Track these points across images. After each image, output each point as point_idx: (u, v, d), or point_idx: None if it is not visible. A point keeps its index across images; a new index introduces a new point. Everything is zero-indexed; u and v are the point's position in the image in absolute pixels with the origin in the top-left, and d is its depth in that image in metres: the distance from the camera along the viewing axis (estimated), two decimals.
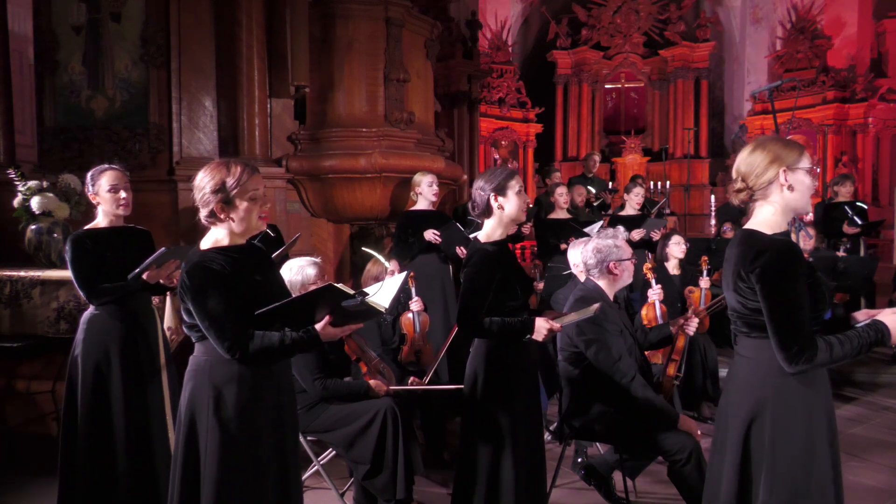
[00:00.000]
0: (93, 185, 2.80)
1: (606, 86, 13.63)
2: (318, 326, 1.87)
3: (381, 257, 3.85)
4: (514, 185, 2.31)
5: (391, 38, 4.91)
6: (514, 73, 12.81)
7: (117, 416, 2.72)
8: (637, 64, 13.37)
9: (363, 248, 4.82)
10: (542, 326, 2.24)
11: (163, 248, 2.67)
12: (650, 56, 13.29)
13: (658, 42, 13.14)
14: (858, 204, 6.08)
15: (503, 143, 12.67)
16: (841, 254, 5.43)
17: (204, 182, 1.92)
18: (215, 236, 1.96)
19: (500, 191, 2.31)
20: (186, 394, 1.93)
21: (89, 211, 2.98)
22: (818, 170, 10.19)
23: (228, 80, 4.62)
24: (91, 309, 2.81)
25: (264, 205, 1.98)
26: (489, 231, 2.36)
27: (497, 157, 12.49)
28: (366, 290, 1.95)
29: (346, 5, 4.82)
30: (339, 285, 1.83)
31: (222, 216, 1.92)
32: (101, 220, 2.84)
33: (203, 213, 1.94)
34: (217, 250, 1.92)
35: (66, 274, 2.81)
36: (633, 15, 13.19)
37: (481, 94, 10.19)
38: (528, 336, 2.26)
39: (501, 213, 2.32)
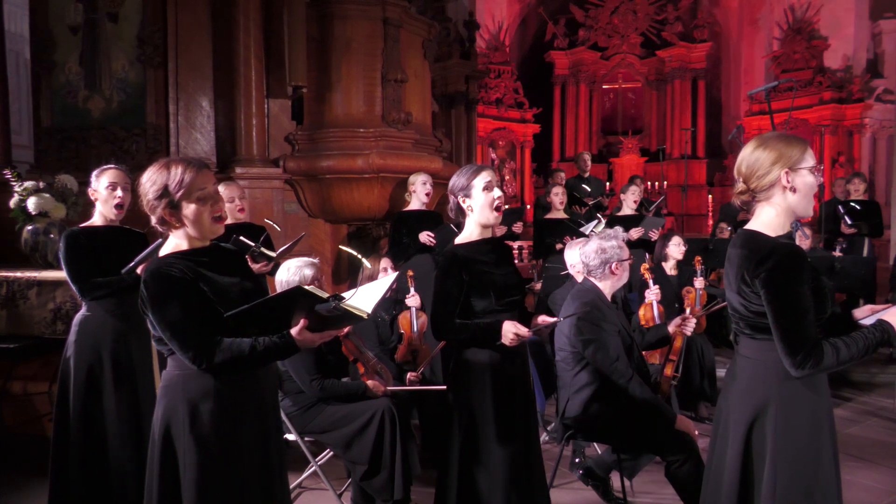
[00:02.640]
0: (95, 182, 2.82)
1: (604, 86, 13.66)
2: (293, 331, 1.72)
3: (354, 252, 3.80)
4: (479, 183, 2.24)
5: (389, 39, 4.91)
6: (512, 73, 12.82)
7: (109, 418, 2.71)
8: (634, 64, 13.40)
9: (340, 247, 4.80)
10: (508, 331, 2.17)
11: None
12: (647, 56, 13.33)
13: (655, 42, 13.18)
14: (852, 204, 6.02)
15: (501, 143, 12.68)
16: (837, 254, 5.44)
17: (146, 187, 1.79)
18: (175, 241, 1.83)
19: (465, 192, 2.27)
20: (159, 412, 1.80)
21: (86, 211, 2.98)
22: (821, 166, 10.18)
23: (226, 80, 4.62)
24: (83, 310, 2.80)
25: (216, 204, 1.81)
26: (466, 233, 2.33)
27: (494, 157, 12.49)
28: (343, 294, 1.77)
29: (343, 5, 4.82)
30: (310, 288, 1.67)
31: (173, 222, 1.79)
32: (97, 219, 2.84)
33: (153, 220, 1.81)
34: (177, 255, 1.79)
35: (63, 275, 2.80)
36: (630, 15, 13.22)
37: (479, 95, 10.19)
38: (496, 342, 2.20)
39: (472, 215, 2.29)
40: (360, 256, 3.73)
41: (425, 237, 4.29)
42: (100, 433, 2.71)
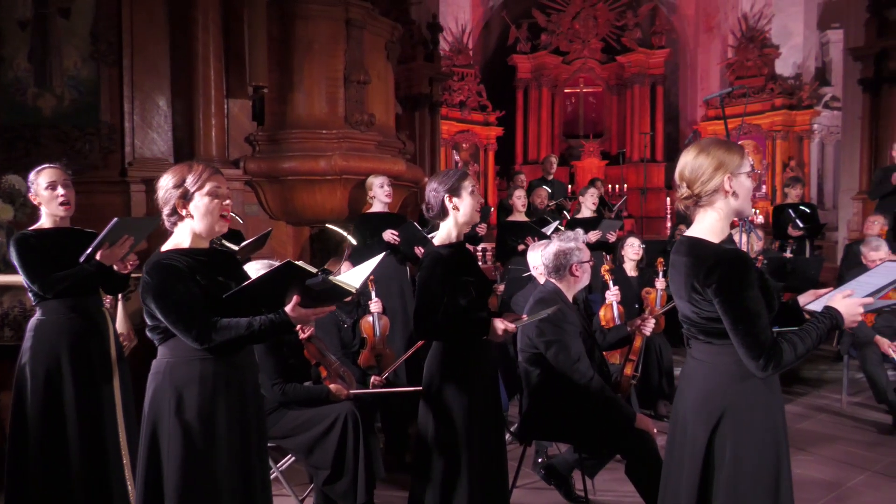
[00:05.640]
0: (33, 186, 2.71)
1: (566, 90, 13.83)
2: (288, 308, 1.85)
3: (345, 233, 3.78)
4: (468, 186, 2.35)
5: (351, 40, 4.88)
6: (475, 76, 12.88)
7: (70, 423, 2.64)
8: (595, 69, 13.61)
9: (328, 225, 4.80)
10: (497, 326, 2.28)
11: (115, 219, 2.56)
12: (608, 62, 13.55)
13: (615, 48, 13.41)
14: (802, 207, 6.28)
15: (464, 145, 12.72)
16: (787, 255, 5.65)
17: (166, 180, 1.95)
18: (176, 239, 1.96)
19: (454, 192, 2.34)
20: (148, 397, 1.92)
21: (35, 214, 2.87)
22: (759, 172, 10.52)
23: (184, 79, 4.52)
24: (38, 315, 2.71)
25: (225, 202, 1.97)
26: (444, 233, 2.38)
27: (458, 159, 12.53)
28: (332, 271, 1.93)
29: (305, 5, 4.77)
30: (300, 263, 1.79)
31: (183, 212, 1.93)
32: (45, 222, 2.74)
33: (165, 212, 1.95)
34: (178, 251, 1.93)
35: (10, 279, 2.70)
36: (591, 21, 13.42)
37: (442, 97, 10.20)
38: (485, 336, 2.29)
39: (456, 214, 2.35)
40: (346, 234, 3.71)
41: (389, 235, 4.29)
42: (61, 438, 2.63)
